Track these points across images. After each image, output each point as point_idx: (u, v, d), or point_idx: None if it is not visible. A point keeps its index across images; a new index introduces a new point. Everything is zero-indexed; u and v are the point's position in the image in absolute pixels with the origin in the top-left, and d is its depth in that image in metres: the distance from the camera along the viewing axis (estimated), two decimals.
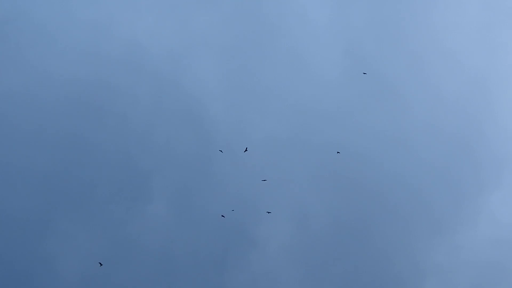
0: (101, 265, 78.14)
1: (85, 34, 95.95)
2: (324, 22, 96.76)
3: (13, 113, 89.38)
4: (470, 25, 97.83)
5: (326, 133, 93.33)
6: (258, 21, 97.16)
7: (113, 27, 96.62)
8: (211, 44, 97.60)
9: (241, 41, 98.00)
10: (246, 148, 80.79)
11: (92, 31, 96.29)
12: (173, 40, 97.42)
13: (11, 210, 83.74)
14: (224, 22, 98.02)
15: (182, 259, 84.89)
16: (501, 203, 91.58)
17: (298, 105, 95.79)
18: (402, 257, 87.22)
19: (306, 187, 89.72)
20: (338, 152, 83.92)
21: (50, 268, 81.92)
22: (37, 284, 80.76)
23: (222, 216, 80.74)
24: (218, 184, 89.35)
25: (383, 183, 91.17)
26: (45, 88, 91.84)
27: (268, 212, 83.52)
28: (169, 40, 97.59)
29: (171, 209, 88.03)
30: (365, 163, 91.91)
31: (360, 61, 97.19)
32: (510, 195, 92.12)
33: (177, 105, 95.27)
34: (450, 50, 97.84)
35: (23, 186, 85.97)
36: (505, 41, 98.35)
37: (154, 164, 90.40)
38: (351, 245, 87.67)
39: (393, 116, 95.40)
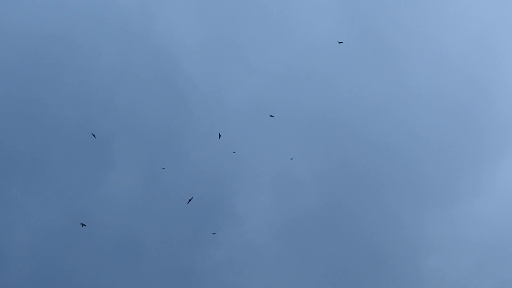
0: (83, 225, 75.48)
1: None
2: None
3: None
4: None
5: (316, 95, 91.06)
6: None
7: None
8: None
9: None
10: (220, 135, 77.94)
11: None
12: None
13: None
14: None
15: (149, 235, 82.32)
16: (505, 174, 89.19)
17: (286, 64, 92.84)
18: (396, 232, 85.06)
19: (292, 153, 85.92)
20: (340, 42, 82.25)
21: None
22: None
23: (190, 199, 76.18)
24: (192, 150, 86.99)
25: (378, 150, 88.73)
26: None
27: (271, 116, 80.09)
28: None
29: (136, 177, 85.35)
30: (359, 129, 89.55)
31: (357, 20, 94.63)
32: None
33: (146, 61, 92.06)
34: (454, 9, 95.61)
35: None
36: None
37: (117, 127, 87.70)
38: (340, 219, 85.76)
39: (390, 79, 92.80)
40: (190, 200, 75.54)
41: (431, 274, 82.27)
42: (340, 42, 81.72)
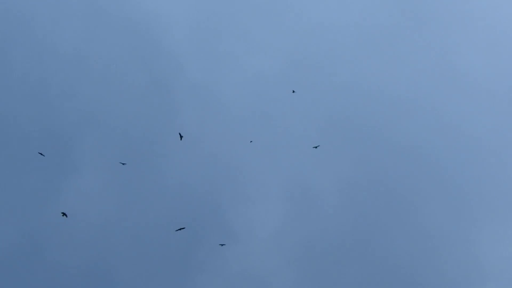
0: (64, 215, 69.75)
1: None
2: None
3: None
4: None
5: (338, 84, 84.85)
6: None
7: None
8: None
9: None
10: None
11: None
12: None
13: None
14: None
15: (122, 262, 75.83)
16: None
17: (299, 43, 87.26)
18: (440, 257, 77.07)
19: (309, 157, 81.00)
20: None
21: None
22: None
23: (180, 228, 68.88)
24: (178, 152, 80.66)
25: (416, 154, 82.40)
26: None
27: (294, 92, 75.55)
28: None
29: (105, 188, 79.63)
30: (392, 128, 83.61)
31: None
32: None
33: (119, 40, 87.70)
34: None
35: None
36: None
37: (81, 124, 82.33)
38: (369, 240, 78.49)
39: (433, 65, 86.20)
40: (180, 229, 67.76)
41: None
42: None
